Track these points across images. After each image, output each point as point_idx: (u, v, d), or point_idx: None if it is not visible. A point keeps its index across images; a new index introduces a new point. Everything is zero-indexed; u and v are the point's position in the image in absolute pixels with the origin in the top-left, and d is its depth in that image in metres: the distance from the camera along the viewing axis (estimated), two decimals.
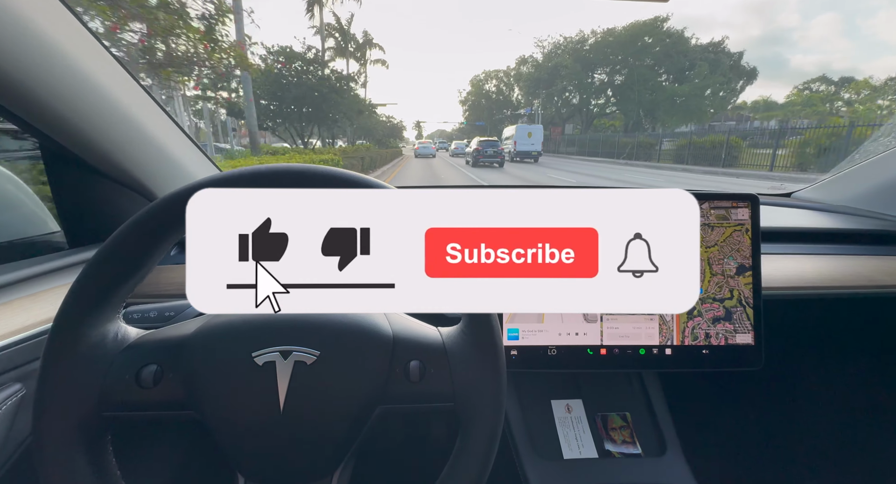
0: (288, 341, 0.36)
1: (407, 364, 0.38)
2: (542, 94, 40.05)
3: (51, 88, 0.53)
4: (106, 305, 0.35)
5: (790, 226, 0.91)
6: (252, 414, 0.35)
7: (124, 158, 0.67)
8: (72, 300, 0.33)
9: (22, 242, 0.71)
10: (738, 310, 0.65)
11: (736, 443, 1.00)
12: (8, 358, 0.49)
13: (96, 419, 0.34)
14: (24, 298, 0.55)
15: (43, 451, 0.33)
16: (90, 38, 0.59)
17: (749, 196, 0.66)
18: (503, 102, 53.33)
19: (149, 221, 0.32)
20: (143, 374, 0.35)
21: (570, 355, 0.64)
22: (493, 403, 0.37)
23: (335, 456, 0.38)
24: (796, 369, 0.97)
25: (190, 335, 0.37)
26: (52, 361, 0.33)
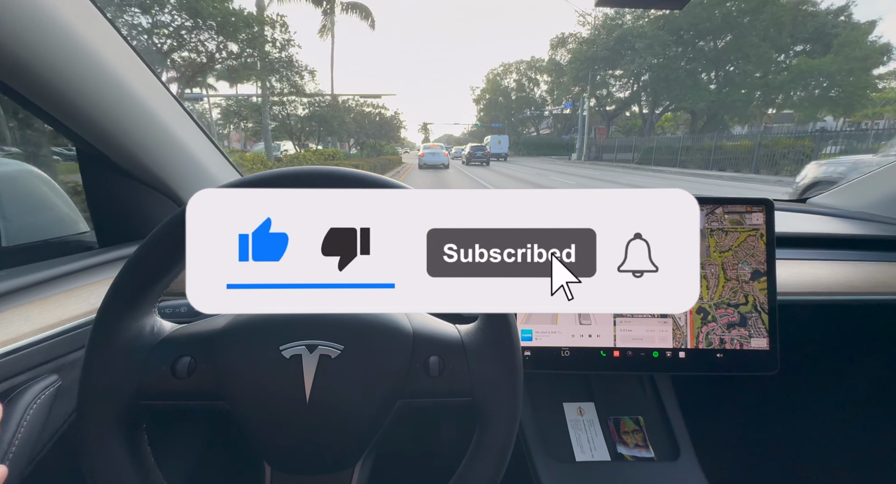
0: (313, 335, 0.38)
1: (426, 359, 0.39)
2: (596, 78, 27.15)
3: (87, 95, 0.57)
4: (143, 300, 0.37)
5: (806, 231, 0.91)
6: (279, 405, 0.37)
7: (153, 162, 0.70)
8: (113, 295, 0.35)
9: (56, 242, 0.75)
10: (754, 315, 0.65)
11: (750, 448, 0.99)
12: (45, 351, 0.51)
13: (134, 408, 0.36)
14: (59, 295, 0.58)
15: (86, 435, 0.35)
16: (125, 45, 0.62)
17: (763, 201, 0.66)
18: (524, 100, 44.02)
19: (184, 222, 0.34)
20: (178, 365, 0.37)
21: (583, 357, 0.65)
22: (511, 398, 0.38)
23: (357, 448, 0.40)
24: (812, 375, 0.96)
25: (221, 329, 0.39)
26: (95, 352, 0.35)
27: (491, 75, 47.03)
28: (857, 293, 0.76)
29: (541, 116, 43.58)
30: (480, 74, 62.94)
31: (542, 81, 41.35)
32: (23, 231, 0.71)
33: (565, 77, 29.89)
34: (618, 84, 28.70)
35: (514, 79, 44.52)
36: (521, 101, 44.41)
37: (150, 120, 0.67)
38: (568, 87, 31.27)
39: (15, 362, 0.48)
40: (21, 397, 0.48)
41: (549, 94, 40.22)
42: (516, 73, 44.00)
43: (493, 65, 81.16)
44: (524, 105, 44.51)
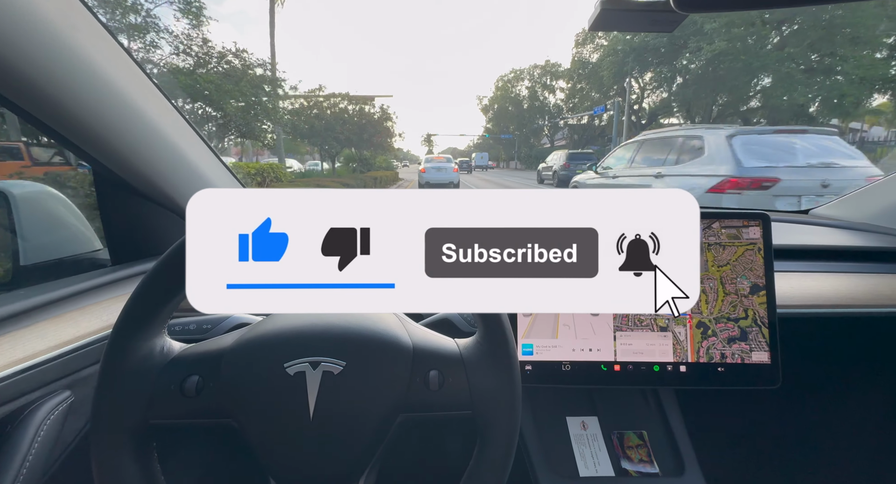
0: (317, 353, 0.39)
1: (427, 374, 0.40)
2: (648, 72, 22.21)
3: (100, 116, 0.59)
4: (154, 322, 0.39)
5: (807, 243, 0.91)
6: (284, 421, 0.38)
7: (164, 180, 0.73)
8: (125, 318, 0.37)
9: (71, 260, 0.77)
10: (754, 330, 0.66)
11: (756, 463, 0.97)
12: (59, 367, 0.53)
13: (145, 426, 0.38)
14: (73, 312, 0.60)
15: (98, 454, 0.36)
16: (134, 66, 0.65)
17: (760, 215, 0.67)
18: (537, 109, 39.89)
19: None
20: (186, 384, 0.38)
21: (584, 371, 0.65)
22: (510, 410, 0.39)
23: (361, 462, 0.40)
24: (815, 388, 0.95)
25: (228, 348, 0.41)
26: (108, 373, 0.37)
27: (500, 82, 43.21)
28: (861, 306, 0.75)
29: (556, 126, 38.98)
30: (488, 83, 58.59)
31: (559, 88, 37.57)
32: (40, 250, 0.74)
33: (603, 72, 22.81)
34: (653, 85, 23.74)
35: (527, 86, 40.61)
36: (534, 110, 40.35)
37: (160, 139, 0.69)
38: (589, 94, 27.58)
39: (30, 379, 0.49)
40: (35, 413, 0.50)
41: (564, 103, 36.13)
42: (529, 80, 40.07)
43: (502, 71, 75.07)
44: (537, 114, 40.48)
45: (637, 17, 0.57)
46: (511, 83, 41.79)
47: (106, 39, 0.60)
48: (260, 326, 0.43)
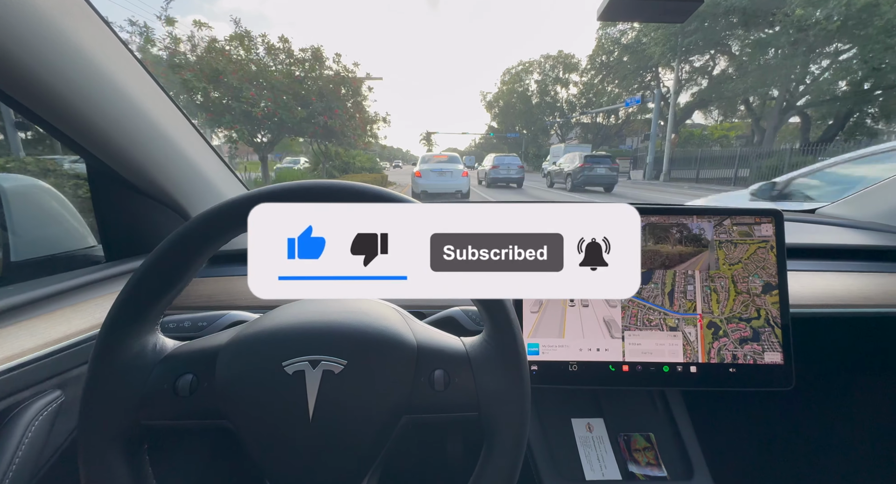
0: (316, 351, 0.37)
1: (431, 373, 0.38)
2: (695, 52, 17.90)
3: (97, 111, 0.58)
4: (146, 318, 0.37)
5: (817, 242, 0.89)
6: (282, 422, 0.36)
7: (160, 176, 0.71)
8: (115, 314, 0.35)
9: (64, 256, 0.75)
10: (766, 330, 0.64)
11: (766, 466, 0.95)
12: (50, 366, 0.51)
13: (135, 427, 0.36)
14: (65, 309, 0.58)
15: (87, 456, 0.34)
16: (134, 62, 0.63)
17: (772, 211, 0.65)
18: (547, 105, 36.19)
19: (187, 238, 0.35)
20: (179, 383, 0.37)
21: (592, 371, 0.64)
22: (518, 412, 0.37)
23: (362, 465, 0.39)
24: (828, 389, 0.93)
25: (223, 345, 0.39)
26: (97, 371, 0.35)
27: (507, 76, 39.21)
28: (873, 306, 0.74)
29: (567, 124, 36.02)
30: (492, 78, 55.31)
31: (572, 83, 34.12)
32: (31, 246, 0.72)
33: (652, 49, 18.39)
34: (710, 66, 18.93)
35: (536, 79, 36.99)
36: (544, 106, 36.85)
37: (157, 135, 0.68)
38: (605, 89, 25.53)
39: (19, 378, 0.47)
40: (24, 414, 0.48)
41: (577, 100, 33.22)
42: (539, 73, 36.41)
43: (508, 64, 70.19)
44: (547, 111, 37.07)
45: (648, 5, 0.56)
46: (519, 76, 38.55)
47: (108, 37, 0.58)
48: (257, 322, 0.42)
